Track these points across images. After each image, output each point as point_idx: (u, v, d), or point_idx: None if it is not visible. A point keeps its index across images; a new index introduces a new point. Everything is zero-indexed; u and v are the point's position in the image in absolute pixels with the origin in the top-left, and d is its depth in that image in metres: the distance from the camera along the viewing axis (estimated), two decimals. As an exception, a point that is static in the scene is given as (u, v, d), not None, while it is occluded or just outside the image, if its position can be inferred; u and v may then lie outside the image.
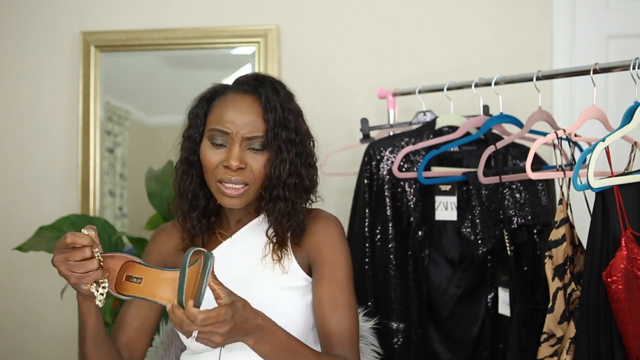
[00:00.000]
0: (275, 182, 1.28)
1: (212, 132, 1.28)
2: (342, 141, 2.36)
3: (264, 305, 1.26)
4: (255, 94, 1.29)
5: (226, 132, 1.26)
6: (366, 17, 2.46)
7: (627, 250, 1.21)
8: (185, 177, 1.34)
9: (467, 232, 1.69)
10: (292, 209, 1.30)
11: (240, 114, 1.26)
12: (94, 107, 2.51)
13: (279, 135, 1.26)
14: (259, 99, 1.28)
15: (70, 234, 1.09)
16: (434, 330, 1.77)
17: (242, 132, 1.25)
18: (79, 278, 1.09)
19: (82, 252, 1.08)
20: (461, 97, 1.90)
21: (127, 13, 2.55)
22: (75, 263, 1.09)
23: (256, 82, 1.31)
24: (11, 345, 2.55)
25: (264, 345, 1.14)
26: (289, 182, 1.28)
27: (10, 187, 2.57)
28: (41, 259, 2.43)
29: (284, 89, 1.33)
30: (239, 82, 1.33)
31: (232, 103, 1.28)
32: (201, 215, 1.36)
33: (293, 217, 1.30)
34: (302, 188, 1.31)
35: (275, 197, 1.29)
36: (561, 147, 1.46)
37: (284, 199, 1.29)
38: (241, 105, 1.28)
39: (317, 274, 1.32)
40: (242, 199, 1.28)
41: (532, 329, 1.49)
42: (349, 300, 1.30)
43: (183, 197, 1.35)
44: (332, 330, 1.27)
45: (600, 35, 2.33)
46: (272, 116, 1.26)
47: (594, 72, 1.44)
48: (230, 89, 1.32)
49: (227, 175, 1.25)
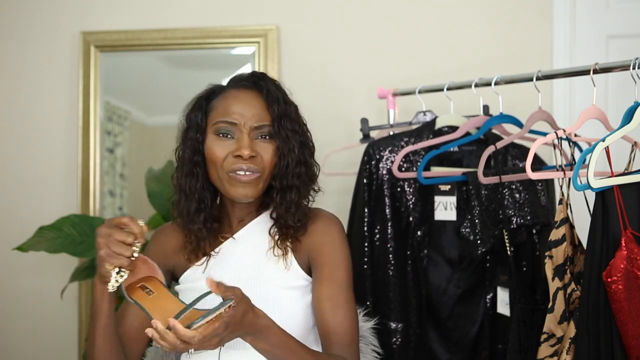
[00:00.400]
0: (284, 171, 1.30)
1: (218, 125, 1.29)
2: (342, 141, 2.36)
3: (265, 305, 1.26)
4: (256, 88, 1.32)
5: (234, 122, 1.28)
6: (366, 17, 2.46)
7: (627, 250, 1.21)
8: (190, 178, 1.33)
9: (467, 232, 1.69)
10: (299, 199, 1.32)
11: (246, 105, 1.29)
12: (94, 107, 2.51)
13: (285, 125, 1.29)
14: (261, 92, 1.31)
15: (129, 217, 1.13)
16: (433, 330, 1.77)
17: (249, 122, 1.28)
18: (109, 255, 1.11)
19: (126, 236, 1.12)
20: (461, 97, 1.90)
21: (127, 13, 2.55)
22: (115, 240, 1.11)
23: (255, 78, 1.34)
24: (11, 345, 2.55)
25: (262, 343, 1.15)
26: (297, 171, 1.31)
27: (10, 187, 2.57)
28: (41, 259, 2.43)
29: (282, 86, 1.37)
30: (237, 80, 1.35)
31: (234, 97, 1.31)
32: (208, 217, 1.35)
33: (300, 207, 1.32)
34: (308, 176, 1.33)
35: (286, 186, 1.31)
36: (561, 147, 1.46)
37: (296, 187, 1.31)
38: (245, 98, 1.30)
39: (317, 273, 1.32)
40: (255, 188, 1.29)
41: (532, 329, 1.49)
42: (348, 300, 1.31)
43: (190, 199, 1.34)
44: (332, 329, 1.28)
45: (600, 35, 2.33)
46: (276, 107, 1.29)
47: (594, 72, 1.44)
48: (229, 87, 1.35)
49: (238, 164, 1.26)
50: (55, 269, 2.48)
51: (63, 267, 2.45)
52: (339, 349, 1.27)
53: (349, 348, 1.28)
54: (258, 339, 1.14)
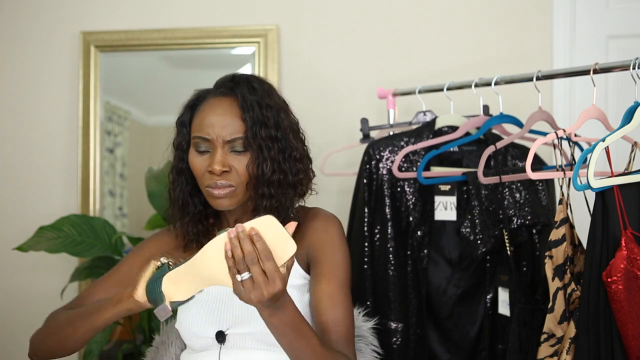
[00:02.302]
0: (260, 181, 1.29)
1: (195, 140, 1.30)
2: (342, 141, 2.36)
3: None
4: (232, 95, 1.31)
5: (207, 138, 1.28)
6: (366, 17, 2.46)
7: (627, 250, 1.21)
8: (175, 185, 1.38)
9: (467, 232, 1.69)
10: (280, 206, 1.31)
11: (219, 117, 1.28)
12: (94, 107, 2.51)
13: (259, 133, 1.27)
14: (236, 99, 1.30)
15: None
16: (433, 331, 1.77)
17: (222, 136, 1.27)
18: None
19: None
20: (461, 97, 1.90)
21: (127, 13, 2.55)
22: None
23: (232, 84, 1.32)
24: (11, 345, 2.55)
25: (275, 318, 1.13)
26: (273, 179, 1.29)
27: (10, 187, 2.57)
28: (41, 259, 2.43)
29: (263, 85, 1.34)
30: (218, 85, 1.36)
31: (210, 108, 1.30)
32: (195, 220, 1.38)
33: (282, 213, 1.31)
34: (287, 184, 1.32)
35: (261, 195, 1.30)
36: (561, 147, 1.46)
37: (269, 196, 1.30)
38: (218, 108, 1.29)
39: (316, 271, 1.32)
40: (231, 200, 1.29)
41: (532, 329, 1.49)
42: (346, 299, 1.31)
43: (174, 205, 1.38)
44: (330, 327, 1.27)
45: (600, 35, 2.33)
46: (249, 115, 1.27)
47: (594, 72, 1.44)
48: (210, 94, 1.34)
49: (212, 180, 1.28)
50: (55, 269, 2.48)
51: (63, 267, 2.45)
52: (336, 346, 1.27)
53: (346, 346, 1.28)
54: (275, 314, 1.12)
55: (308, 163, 1.37)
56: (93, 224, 2.21)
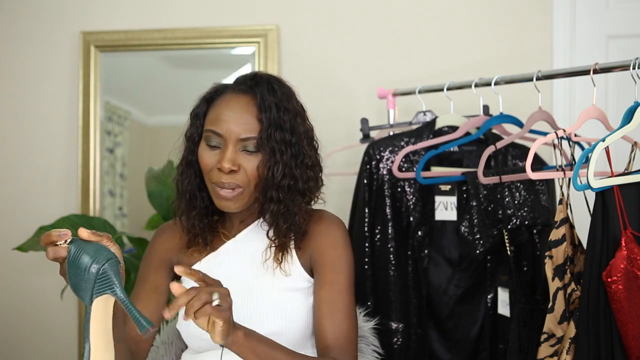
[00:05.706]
0: (270, 184, 1.27)
1: (207, 134, 1.28)
2: (342, 141, 2.36)
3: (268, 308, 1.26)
4: (250, 93, 1.28)
5: (219, 133, 1.25)
6: (366, 17, 2.46)
7: (627, 250, 1.21)
8: (184, 177, 1.34)
9: (465, 232, 1.69)
10: (287, 211, 1.29)
11: (235, 114, 1.26)
12: (94, 107, 2.51)
13: (273, 136, 1.25)
14: (255, 98, 1.27)
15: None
16: (434, 331, 1.77)
17: (235, 133, 1.25)
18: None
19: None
20: (461, 97, 1.90)
21: (127, 13, 2.55)
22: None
23: (253, 82, 1.30)
24: (11, 345, 2.55)
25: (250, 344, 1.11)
26: (282, 184, 1.27)
27: (10, 187, 2.57)
28: (41, 259, 2.43)
29: (283, 88, 1.31)
30: (238, 81, 1.33)
31: (227, 103, 1.28)
32: (202, 214, 1.35)
33: (289, 219, 1.29)
34: (296, 190, 1.29)
35: (269, 198, 1.28)
36: (561, 147, 1.46)
37: (277, 200, 1.27)
38: (235, 105, 1.27)
39: (318, 276, 1.31)
40: (237, 202, 1.27)
41: (532, 329, 1.49)
42: (347, 305, 1.29)
43: (182, 197, 1.35)
44: (328, 334, 1.26)
45: (600, 35, 2.33)
46: (266, 116, 1.25)
47: (594, 72, 1.44)
48: (228, 89, 1.32)
49: (220, 178, 1.25)
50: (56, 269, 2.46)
51: (63, 267, 2.45)
52: (334, 354, 1.25)
53: (344, 354, 1.26)
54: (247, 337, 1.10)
55: (319, 171, 1.35)
56: (93, 224, 2.21)
